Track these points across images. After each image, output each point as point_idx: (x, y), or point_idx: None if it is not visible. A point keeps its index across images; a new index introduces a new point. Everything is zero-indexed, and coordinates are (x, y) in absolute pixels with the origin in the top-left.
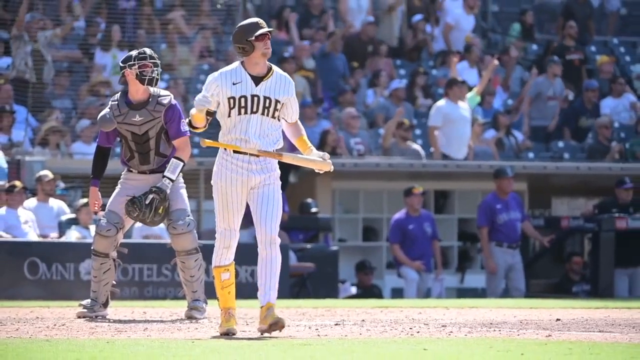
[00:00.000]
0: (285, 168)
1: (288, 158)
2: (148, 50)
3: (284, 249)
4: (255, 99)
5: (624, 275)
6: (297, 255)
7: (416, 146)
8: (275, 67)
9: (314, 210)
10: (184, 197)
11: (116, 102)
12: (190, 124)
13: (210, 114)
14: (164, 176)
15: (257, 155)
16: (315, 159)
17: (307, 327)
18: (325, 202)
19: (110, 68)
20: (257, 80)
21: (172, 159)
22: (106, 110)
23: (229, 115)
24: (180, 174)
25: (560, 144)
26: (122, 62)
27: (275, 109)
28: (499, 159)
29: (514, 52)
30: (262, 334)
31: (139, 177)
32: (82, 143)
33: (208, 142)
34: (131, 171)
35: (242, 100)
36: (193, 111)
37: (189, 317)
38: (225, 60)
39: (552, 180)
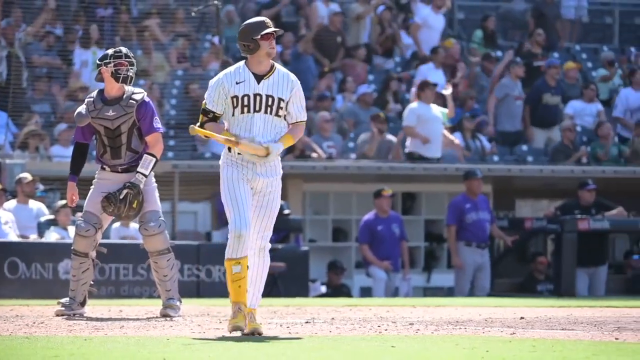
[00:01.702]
0: None
1: (244, 146)
2: (124, 50)
3: None
4: (258, 97)
5: (585, 274)
6: (269, 255)
7: (391, 137)
8: (277, 65)
9: (285, 212)
10: (156, 198)
11: (92, 99)
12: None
13: (218, 117)
14: (137, 171)
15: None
16: (257, 146)
17: (278, 325)
18: (296, 203)
19: (91, 64)
20: (259, 78)
21: (145, 154)
22: (82, 106)
23: (233, 114)
24: (153, 174)
25: (524, 147)
26: (99, 60)
27: (279, 107)
28: (465, 162)
29: (475, 58)
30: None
31: (112, 176)
32: (61, 146)
33: (197, 130)
34: (104, 169)
35: (245, 99)
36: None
37: (164, 315)
38: (200, 66)
39: (516, 183)
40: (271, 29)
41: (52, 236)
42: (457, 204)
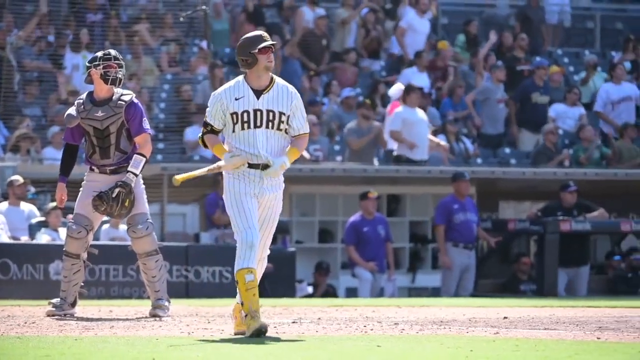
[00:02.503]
0: None
1: (227, 166)
2: (113, 52)
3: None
4: (258, 113)
5: (567, 275)
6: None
7: (377, 123)
8: (277, 78)
9: None
10: (144, 201)
11: (81, 100)
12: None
13: (219, 132)
14: (127, 171)
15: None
16: (238, 160)
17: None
18: (283, 205)
19: (82, 67)
20: (258, 93)
21: (135, 154)
22: (72, 108)
23: (233, 131)
24: (141, 177)
25: (507, 150)
26: (89, 62)
27: (280, 121)
28: (449, 165)
29: (456, 62)
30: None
31: (101, 178)
32: (54, 148)
33: (180, 178)
34: (93, 170)
35: (245, 115)
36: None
37: (153, 316)
38: (189, 70)
39: (499, 185)
40: (268, 43)
41: (43, 238)
42: (446, 204)
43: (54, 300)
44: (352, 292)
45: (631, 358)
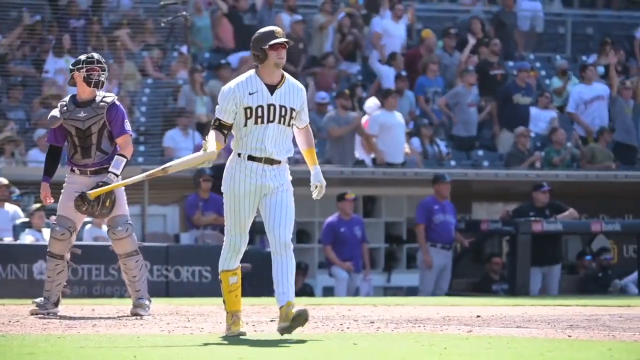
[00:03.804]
0: (222, 176)
1: (175, 167)
2: (96, 55)
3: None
4: (272, 108)
5: (539, 273)
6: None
7: (354, 113)
8: (286, 75)
9: None
10: (124, 202)
11: (64, 102)
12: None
13: (230, 127)
14: (108, 171)
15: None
16: (196, 156)
17: (244, 323)
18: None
19: (65, 71)
20: (271, 89)
21: (116, 155)
22: (55, 110)
23: (245, 125)
24: (121, 178)
25: (480, 152)
26: (72, 65)
27: (291, 117)
28: (423, 167)
29: (434, 66)
30: (282, 334)
31: (81, 180)
32: (39, 151)
33: (94, 193)
34: (73, 171)
35: (259, 110)
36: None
37: (134, 314)
38: (169, 75)
39: (473, 186)
40: (279, 40)
41: (27, 238)
42: (426, 204)
43: (38, 300)
44: (328, 291)
45: (601, 355)
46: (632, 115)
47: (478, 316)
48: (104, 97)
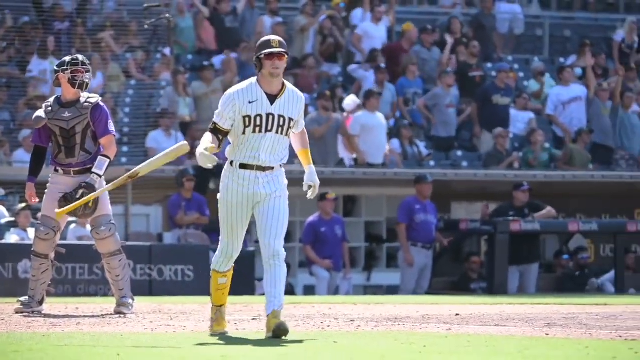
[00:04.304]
0: (205, 176)
1: (144, 169)
2: (81, 57)
3: (204, 250)
4: (271, 117)
5: (517, 272)
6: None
7: (336, 115)
8: (287, 83)
9: None
10: (107, 202)
11: (49, 103)
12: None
13: (225, 133)
14: (92, 172)
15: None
16: (169, 151)
17: (227, 322)
18: None
19: (49, 73)
20: (272, 98)
21: (99, 156)
22: (40, 110)
23: (244, 133)
24: (104, 180)
25: (459, 152)
26: (57, 66)
27: (289, 127)
28: (403, 167)
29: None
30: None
31: (65, 181)
32: (25, 151)
33: (60, 212)
34: (57, 171)
35: (258, 119)
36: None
37: (118, 313)
38: (152, 77)
39: (452, 186)
40: (271, 50)
41: (12, 237)
42: (408, 204)
43: (23, 298)
44: (309, 290)
45: (578, 353)
46: (610, 116)
47: (457, 314)
48: (88, 97)
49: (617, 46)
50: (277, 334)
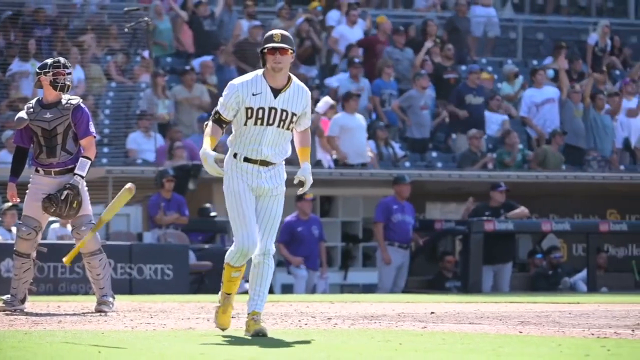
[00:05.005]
0: (184, 177)
1: (107, 216)
2: (62, 60)
3: (183, 249)
4: (273, 111)
5: (490, 271)
6: (197, 255)
7: (313, 116)
8: (294, 78)
9: (212, 214)
10: (87, 202)
11: (31, 104)
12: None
13: (227, 122)
14: (74, 173)
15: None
16: (119, 196)
17: (205, 319)
18: (221, 206)
19: (31, 75)
20: (276, 92)
21: (81, 157)
22: (22, 112)
23: (245, 124)
24: (85, 180)
25: (434, 153)
26: (39, 68)
27: (291, 122)
28: (379, 168)
29: (388, 69)
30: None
31: (46, 181)
32: (7, 152)
33: (68, 259)
34: (38, 171)
35: (260, 111)
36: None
37: (99, 311)
38: (132, 79)
39: (426, 187)
40: (272, 45)
41: None
42: (386, 204)
43: (5, 297)
44: (287, 289)
45: (551, 351)
46: (582, 118)
47: (432, 313)
48: (69, 99)
49: (590, 49)
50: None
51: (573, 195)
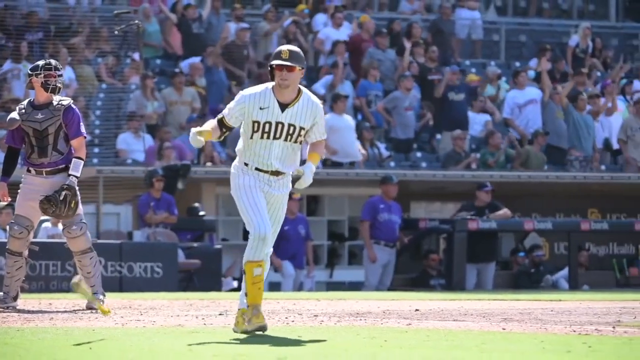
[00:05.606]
0: (174, 177)
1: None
2: (53, 62)
3: (173, 247)
4: (280, 126)
5: (474, 269)
6: (185, 253)
7: None
8: (304, 91)
9: (200, 213)
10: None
11: (23, 105)
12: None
13: (230, 128)
14: (69, 174)
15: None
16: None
17: (194, 316)
18: (210, 205)
19: (22, 76)
20: (283, 107)
21: (74, 158)
22: (14, 112)
23: (252, 137)
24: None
25: (419, 154)
26: (30, 70)
27: (299, 135)
28: (364, 168)
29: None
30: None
31: (37, 181)
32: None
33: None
34: (29, 171)
35: (267, 125)
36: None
37: (89, 308)
38: (122, 80)
39: (411, 186)
40: (279, 62)
41: None
42: (373, 203)
43: None
44: (274, 286)
45: (534, 347)
46: (564, 118)
47: (417, 310)
48: (60, 100)
49: (571, 51)
50: (258, 331)
51: (555, 195)
